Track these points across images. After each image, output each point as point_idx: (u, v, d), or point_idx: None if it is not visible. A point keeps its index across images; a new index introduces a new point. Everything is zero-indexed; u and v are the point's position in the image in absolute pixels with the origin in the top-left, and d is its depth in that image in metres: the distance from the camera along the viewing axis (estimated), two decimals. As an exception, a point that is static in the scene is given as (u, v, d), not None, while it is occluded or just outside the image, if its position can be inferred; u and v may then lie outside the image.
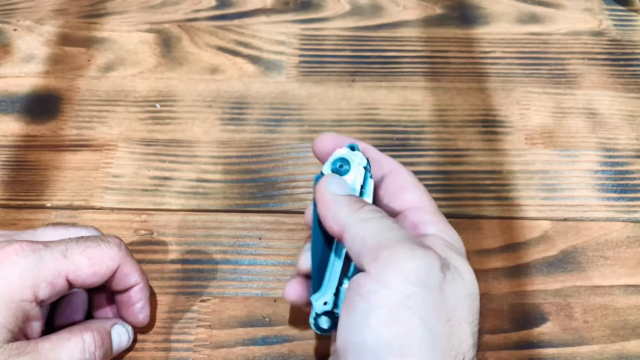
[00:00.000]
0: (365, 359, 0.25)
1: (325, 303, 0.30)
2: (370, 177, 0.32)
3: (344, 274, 0.30)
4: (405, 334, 0.25)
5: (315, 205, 0.31)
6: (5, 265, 0.29)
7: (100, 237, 0.32)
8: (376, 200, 0.32)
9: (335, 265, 0.31)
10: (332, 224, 0.29)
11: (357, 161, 0.31)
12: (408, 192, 0.32)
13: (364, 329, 0.25)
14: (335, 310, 0.30)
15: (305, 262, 0.31)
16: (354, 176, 0.31)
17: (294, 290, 0.32)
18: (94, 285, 0.31)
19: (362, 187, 0.31)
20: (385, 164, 0.33)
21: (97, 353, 0.31)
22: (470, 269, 0.28)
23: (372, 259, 0.26)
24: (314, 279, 0.31)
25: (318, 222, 0.30)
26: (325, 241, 0.31)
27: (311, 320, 0.31)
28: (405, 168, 0.33)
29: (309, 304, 0.31)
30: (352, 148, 0.32)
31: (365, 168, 0.31)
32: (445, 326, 0.25)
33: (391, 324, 0.25)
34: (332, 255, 0.31)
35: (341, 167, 0.31)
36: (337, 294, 0.30)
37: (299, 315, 0.36)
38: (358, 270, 0.27)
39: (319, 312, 0.30)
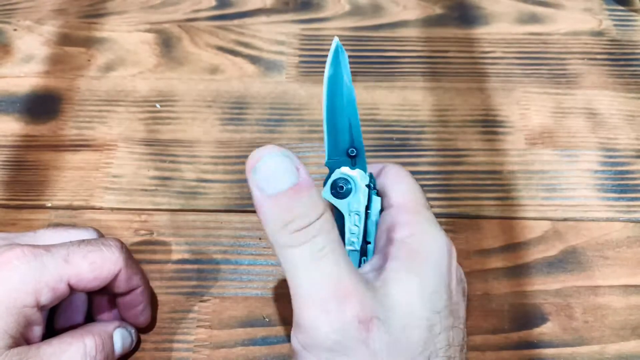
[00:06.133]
0: None
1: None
2: (376, 195, 0.29)
3: None
4: None
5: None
6: (7, 270, 0.29)
7: (101, 241, 0.32)
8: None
9: None
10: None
11: (359, 179, 0.28)
12: (390, 189, 0.30)
13: None
14: None
15: None
16: (359, 197, 0.28)
17: None
18: (96, 289, 0.31)
19: (368, 207, 0.29)
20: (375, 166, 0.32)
21: (98, 357, 0.31)
22: (427, 286, 0.26)
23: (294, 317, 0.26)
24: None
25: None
26: None
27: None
28: (394, 164, 0.31)
29: None
30: (352, 159, 0.29)
31: (368, 186, 0.29)
32: None
33: None
34: None
35: (342, 190, 0.28)
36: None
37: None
38: None
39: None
